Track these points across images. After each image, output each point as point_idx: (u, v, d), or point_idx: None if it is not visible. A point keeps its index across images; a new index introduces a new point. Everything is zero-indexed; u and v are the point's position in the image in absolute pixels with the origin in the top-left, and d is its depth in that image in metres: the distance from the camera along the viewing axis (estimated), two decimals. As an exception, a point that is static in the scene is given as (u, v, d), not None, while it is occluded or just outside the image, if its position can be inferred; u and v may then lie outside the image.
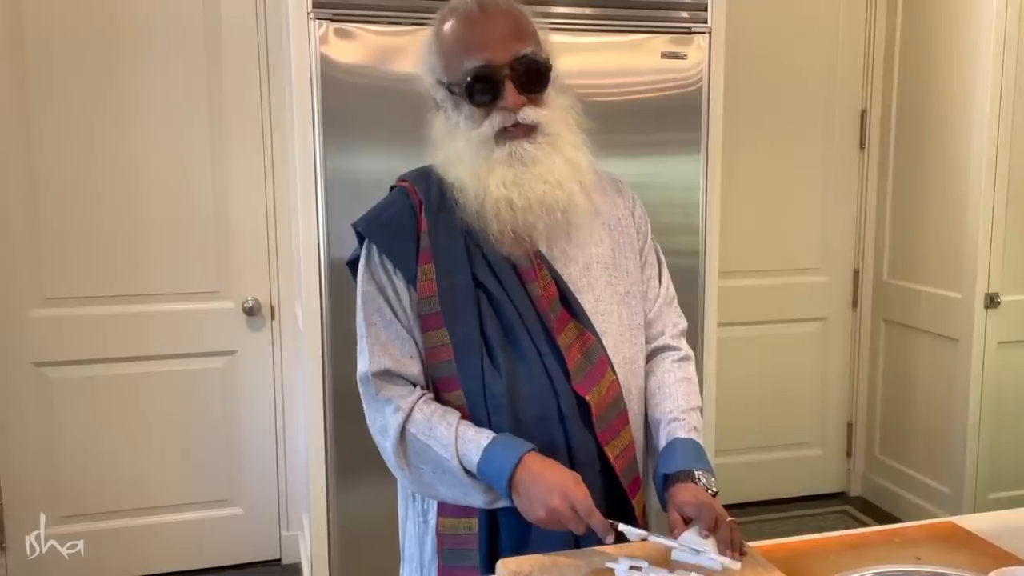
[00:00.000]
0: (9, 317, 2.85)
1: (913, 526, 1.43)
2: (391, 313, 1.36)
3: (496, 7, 1.33)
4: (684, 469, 1.34)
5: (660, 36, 2.55)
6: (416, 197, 1.39)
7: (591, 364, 1.36)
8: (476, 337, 1.33)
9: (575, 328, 1.37)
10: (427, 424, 1.32)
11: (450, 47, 1.33)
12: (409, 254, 1.36)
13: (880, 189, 3.54)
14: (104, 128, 2.85)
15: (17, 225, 2.81)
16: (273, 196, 3.03)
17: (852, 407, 3.72)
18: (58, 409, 2.93)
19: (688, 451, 1.37)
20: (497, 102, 1.30)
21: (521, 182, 1.31)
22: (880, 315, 3.59)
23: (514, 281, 1.35)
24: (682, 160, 2.65)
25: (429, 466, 1.33)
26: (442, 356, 1.35)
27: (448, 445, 1.30)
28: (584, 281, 1.41)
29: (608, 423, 1.36)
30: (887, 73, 3.47)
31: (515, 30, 1.32)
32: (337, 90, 2.34)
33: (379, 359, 1.36)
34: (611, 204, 1.48)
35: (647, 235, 1.52)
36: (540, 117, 1.32)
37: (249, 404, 3.11)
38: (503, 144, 1.32)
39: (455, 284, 1.34)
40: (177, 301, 2.99)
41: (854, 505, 3.66)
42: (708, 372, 2.76)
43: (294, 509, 3.17)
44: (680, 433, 1.39)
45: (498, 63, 1.29)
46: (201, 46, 2.90)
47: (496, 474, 1.27)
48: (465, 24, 1.32)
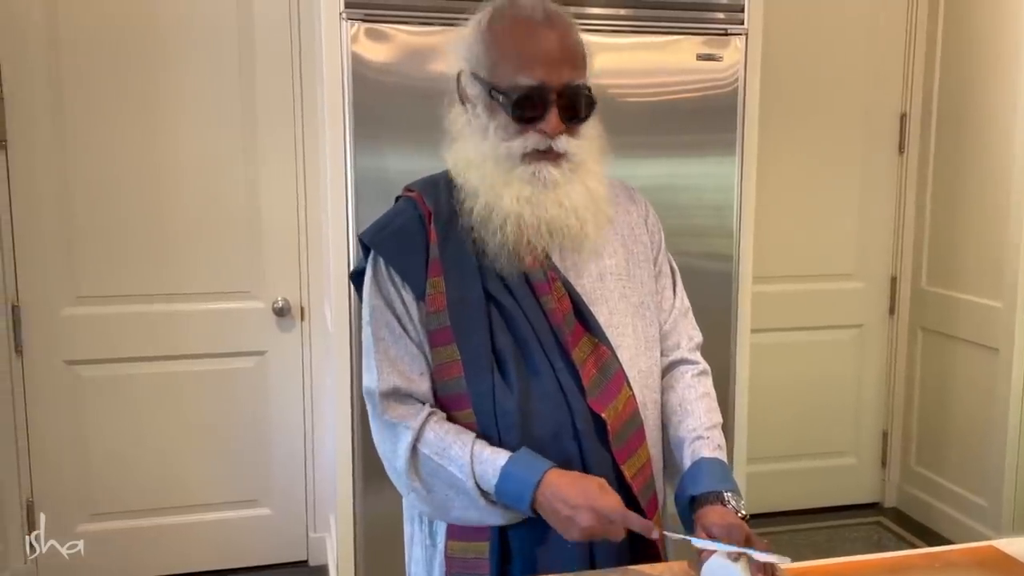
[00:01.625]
0: (42, 315, 2.87)
1: (953, 550, 1.37)
2: (400, 328, 1.32)
3: (563, 22, 1.29)
4: (713, 490, 1.30)
5: (695, 37, 2.52)
6: (425, 208, 1.35)
7: (607, 379, 1.31)
8: (487, 353, 1.29)
9: (590, 342, 1.32)
10: (440, 444, 1.27)
11: (504, 49, 1.27)
12: (418, 267, 1.31)
13: (919, 194, 3.47)
14: (137, 127, 2.86)
15: (50, 223, 2.83)
16: (305, 197, 3.02)
17: (888, 416, 3.65)
18: (89, 407, 2.94)
19: (715, 471, 1.33)
20: (537, 123, 1.26)
21: (536, 201, 1.27)
22: (917, 323, 3.51)
23: (527, 294, 1.31)
24: (717, 162, 2.61)
25: (443, 487, 1.28)
26: (451, 373, 1.30)
27: (464, 466, 1.25)
28: (598, 293, 1.36)
29: (625, 441, 1.32)
30: (928, 76, 3.40)
31: (574, 54, 1.28)
32: (368, 90, 2.33)
33: (388, 377, 1.31)
34: (624, 212, 1.44)
35: (660, 244, 1.48)
36: (572, 147, 1.28)
37: (278, 405, 3.11)
38: (528, 164, 1.28)
39: (465, 297, 1.30)
40: (208, 301, 2.99)
41: (888, 516, 3.58)
42: (740, 378, 2.72)
43: (322, 511, 3.17)
44: (705, 452, 1.35)
45: (551, 86, 1.25)
46: (235, 46, 2.91)
47: (516, 498, 1.23)
48: (527, 31, 1.26)
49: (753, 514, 3.48)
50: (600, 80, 2.44)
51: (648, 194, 2.53)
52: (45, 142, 2.80)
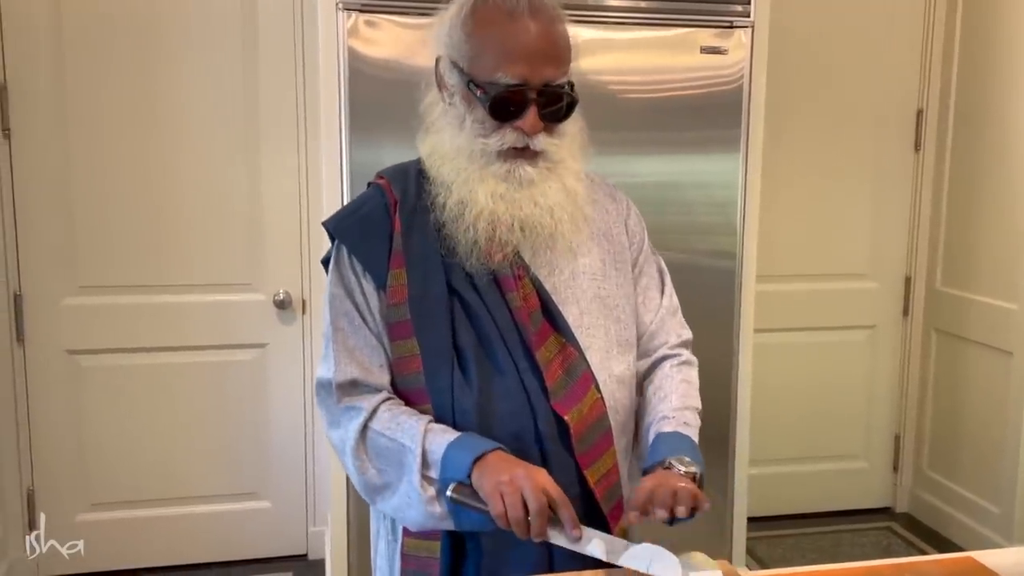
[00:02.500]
0: (43, 304, 2.87)
1: (928, 560, 1.32)
2: (359, 318, 1.29)
3: (548, 14, 1.23)
4: (659, 460, 1.25)
5: (700, 30, 2.47)
6: (392, 195, 1.31)
7: (573, 381, 1.27)
8: (447, 348, 1.25)
9: (557, 342, 1.28)
10: (394, 421, 1.24)
11: (484, 42, 1.23)
12: (380, 256, 1.28)
13: (935, 193, 3.39)
14: (140, 118, 2.85)
15: (53, 213, 2.84)
16: (307, 189, 3.01)
17: (900, 419, 3.58)
18: (90, 397, 2.95)
19: (670, 443, 1.27)
20: (515, 121, 1.23)
21: (511, 199, 1.24)
22: (932, 324, 3.44)
23: (493, 290, 1.27)
24: (721, 159, 2.56)
25: (384, 464, 1.24)
26: (410, 367, 1.27)
27: (415, 435, 1.21)
28: (569, 292, 1.32)
29: (590, 445, 1.27)
30: (946, 71, 3.31)
31: (556, 51, 1.24)
32: (364, 83, 2.30)
33: (345, 368, 1.28)
34: (603, 211, 1.40)
35: (642, 244, 1.44)
36: (550, 146, 1.25)
37: (279, 398, 3.09)
38: (504, 161, 1.25)
39: (428, 291, 1.26)
40: (209, 292, 2.99)
41: (899, 522, 3.51)
42: (743, 378, 2.67)
43: (321, 505, 3.15)
44: (665, 428, 1.30)
45: (531, 84, 1.21)
46: (238, 39, 2.89)
47: (457, 464, 1.17)
48: (509, 25, 1.21)
49: (759, 517, 3.44)
50: (602, 76, 2.42)
51: (651, 191, 2.53)
52: (48, 132, 2.80)
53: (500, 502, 1.12)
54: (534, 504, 1.11)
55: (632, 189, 1.54)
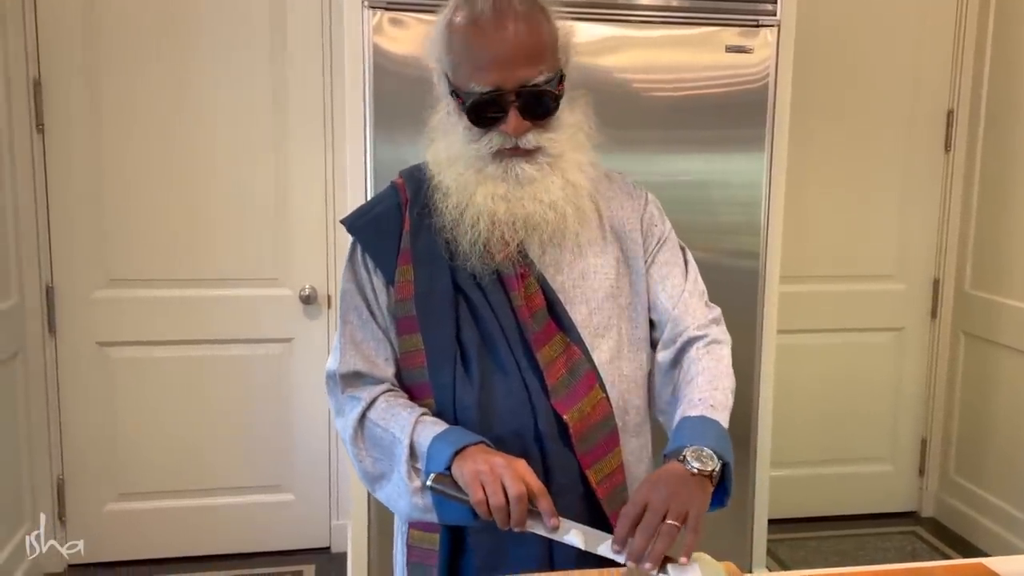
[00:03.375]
0: (75, 297, 2.93)
1: (939, 566, 1.30)
2: (368, 313, 1.32)
3: (511, 17, 1.21)
4: (674, 448, 1.19)
5: (725, 29, 2.45)
6: (404, 195, 1.34)
7: (575, 380, 1.27)
8: (450, 345, 1.27)
9: (562, 341, 1.28)
10: (389, 411, 1.26)
11: (459, 53, 1.23)
12: (390, 253, 1.31)
13: (965, 194, 3.35)
14: (170, 115, 2.90)
15: (84, 207, 2.89)
16: (333, 185, 3.04)
17: (927, 423, 3.54)
18: (119, 388, 3.00)
19: (689, 429, 1.21)
20: (498, 124, 1.23)
21: (511, 198, 1.24)
22: (960, 327, 3.39)
23: (497, 289, 1.28)
24: (746, 158, 2.55)
25: (379, 454, 1.27)
26: (415, 362, 1.29)
27: (406, 426, 1.23)
28: (577, 291, 1.32)
29: (592, 444, 1.27)
30: (977, 71, 3.27)
31: (527, 50, 1.21)
32: (389, 80, 2.32)
33: (350, 359, 1.31)
34: (618, 208, 1.39)
35: (662, 236, 1.41)
36: (543, 142, 1.25)
37: (304, 392, 3.12)
38: (500, 161, 1.25)
39: (433, 288, 1.28)
40: (236, 287, 3.03)
41: (925, 527, 3.47)
42: (766, 379, 2.65)
43: (344, 499, 3.18)
44: (690, 413, 1.25)
45: (505, 89, 1.21)
46: (267, 37, 2.92)
47: (443, 450, 1.18)
48: (476, 33, 1.21)
49: (780, 519, 3.42)
50: (626, 74, 2.42)
51: (675, 190, 2.52)
52: (81, 128, 2.85)
53: (480, 489, 1.12)
54: (513, 491, 1.11)
55: (656, 188, 1.52)
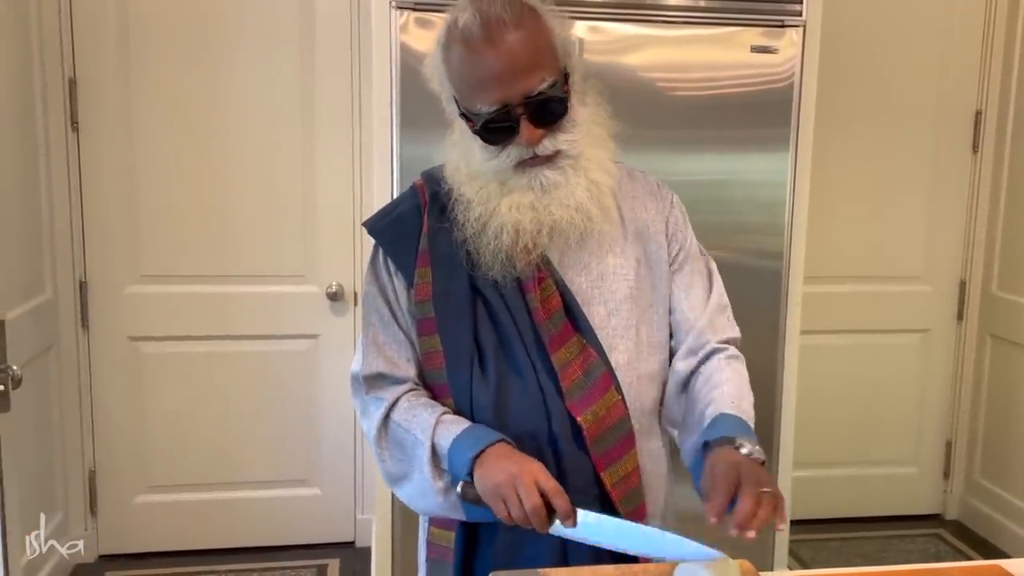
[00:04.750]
0: (107, 292, 2.98)
1: (956, 567, 1.31)
2: (389, 314, 1.33)
3: (501, 31, 1.18)
4: (726, 435, 1.20)
5: (750, 29, 2.46)
6: (424, 196, 1.35)
7: (591, 383, 1.27)
8: (467, 346, 1.28)
9: (578, 343, 1.28)
10: (411, 412, 1.28)
11: (458, 76, 1.23)
12: (409, 255, 1.32)
13: (993, 195, 3.32)
14: (201, 113, 2.95)
15: (117, 204, 2.94)
16: (360, 184, 3.07)
17: (952, 425, 3.52)
18: (150, 382, 3.05)
19: (733, 422, 1.23)
20: (513, 138, 1.22)
21: (538, 207, 1.24)
22: (987, 330, 3.37)
23: (514, 290, 1.28)
24: (770, 158, 2.55)
25: (401, 454, 1.29)
26: (435, 363, 1.31)
27: (427, 428, 1.25)
28: (595, 292, 1.32)
29: (607, 446, 1.27)
30: (1006, 72, 3.25)
31: (525, 60, 1.19)
32: (416, 79, 2.32)
33: (372, 362, 1.33)
34: (642, 209, 1.38)
35: (684, 242, 1.41)
36: (560, 145, 1.24)
37: (330, 388, 3.16)
38: (523, 171, 1.25)
39: (451, 289, 1.29)
40: (264, 284, 3.07)
41: (949, 529, 3.45)
42: (788, 379, 2.65)
43: (369, 494, 3.22)
44: (727, 409, 1.26)
45: (511, 103, 1.20)
46: (296, 37, 2.97)
47: (463, 458, 1.20)
48: (470, 54, 1.20)
49: (803, 519, 3.40)
50: (651, 73, 2.43)
51: (698, 190, 2.53)
52: (114, 126, 2.91)
53: (502, 506, 1.16)
54: (528, 504, 1.13)
55: (679, 187, 1.52)
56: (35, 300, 2.75)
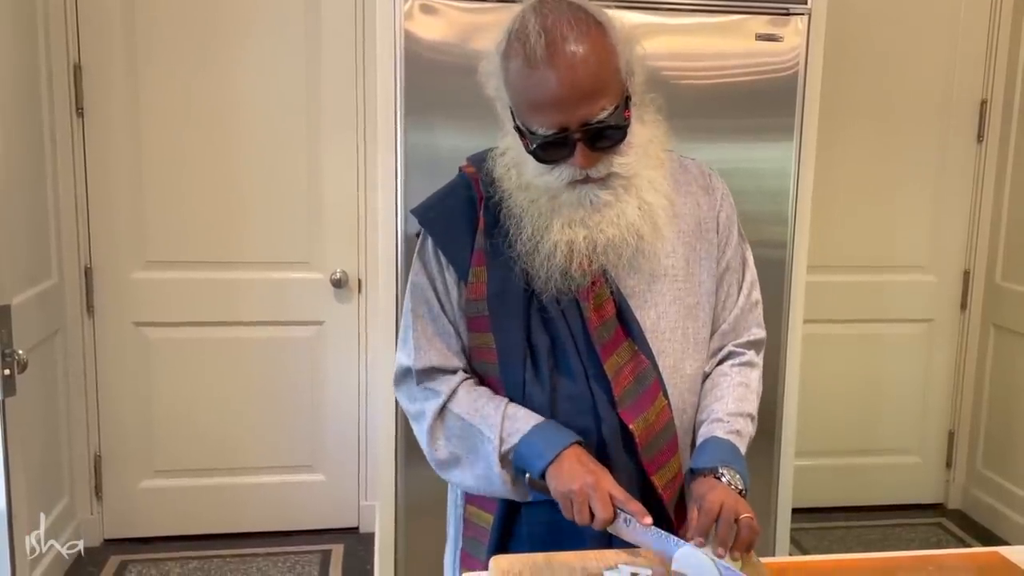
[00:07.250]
0: (114, 278, 3.00)
1: (954, 554, 1.32)
2: (439, 307, 1.33)
3: (564, 52, 1.14)
4: (709, 466, 1.25)
5: (755, 17, 2.45)
6: (479, 191, 1.31)
7: (642, 389, 1.28)
8: (521, 347, 1.28)
9: (629, 349, 1.28)
10: (472, 405, 1.29)
11: (516, 91, 1.20)
12: (464, 251, 1.30)
13: (998, 185, 3.32)
14: (206, 100, 2.95)
15: (122, 190, 2.96)
16: (364, 171, 3.08)
17: (955, 415, 3.52)
18: (155, 368, 3.07)
19: (720, 449, 1.28)
20: (567, 159, 1.20)
21: (590, 224, 1.22)
22: (990, 319, 3.37)
23: (569, 295, 1.27)
24: (774, 147, 2.54)
25: (460, 445, 1.30)
26: (486, 357, 1.32)
27: (494, 425, 1.26)
28: (647, 296, 1.31)
29: (656, 451, 1.29)
30: (1011, 61, 3.24)
31: (587, 87, 1.15)
32: (420, 67, 2.34)
33: (426, 355, 1.33)
34: (694, 206, 1.36)
35: (732, 238, 1.39)
36: (614, 167, 1.22)
37: (335, 374, 3.18)
38: (574, 189, 1.23)
39: (506, 290, 1.28)
40: (269, 270, 3.08)
41: (951, 519, 3.46)
42: (791, 368, 2.64)
43: (373, 480, 3.23)
44: (718, 433, 1.30)
45: (569, 127, 1.17)
46: (300, 21, 2.97)
47: (537, 461, 1.22)
48: (531, 72, 1.16)
49: (806, 508, 3.41)
50: (655, 62, 2.42)
51: (702, 178, 2.52)
52: (120, 112, 2.92)
53: (569, 509, 1.19)
54: (601, 515, 1.17)
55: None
56: (41, 285, 2.76)
